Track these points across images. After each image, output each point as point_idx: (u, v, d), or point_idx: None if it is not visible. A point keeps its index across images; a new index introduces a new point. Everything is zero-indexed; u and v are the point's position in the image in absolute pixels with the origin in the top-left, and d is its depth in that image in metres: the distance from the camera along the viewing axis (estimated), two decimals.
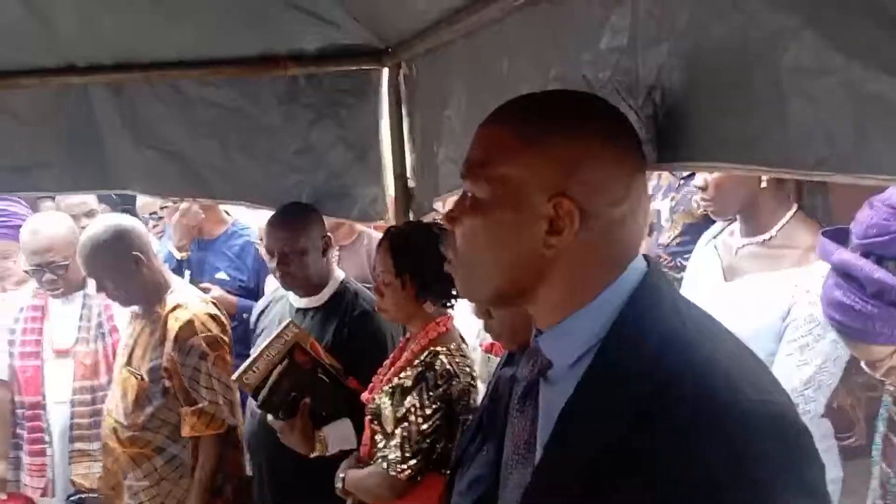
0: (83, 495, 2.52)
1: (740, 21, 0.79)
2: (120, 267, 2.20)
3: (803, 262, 1.70)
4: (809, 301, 1.60)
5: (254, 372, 1.93)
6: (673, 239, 2.77)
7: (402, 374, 1.72)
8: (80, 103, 2.15)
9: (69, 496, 2.54)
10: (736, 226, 1.88)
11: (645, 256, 0.86)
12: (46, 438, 2.53)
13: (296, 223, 2.17)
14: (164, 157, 2.21)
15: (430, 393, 1.64)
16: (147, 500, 2.27)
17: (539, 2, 1.17)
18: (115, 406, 2.31)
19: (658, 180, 2.92)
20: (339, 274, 2.30)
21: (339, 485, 1.83)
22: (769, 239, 1.77)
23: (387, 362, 1.89)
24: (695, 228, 2.49)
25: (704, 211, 1.95)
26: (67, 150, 2.21)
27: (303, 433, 1.90)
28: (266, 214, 2.51)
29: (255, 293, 2.91)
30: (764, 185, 1.74)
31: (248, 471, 2.37)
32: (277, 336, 1.97)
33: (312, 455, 1.91)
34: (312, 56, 2.05)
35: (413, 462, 1.64)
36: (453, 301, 1.81)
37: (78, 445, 2.51)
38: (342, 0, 1.85)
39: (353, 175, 2.24)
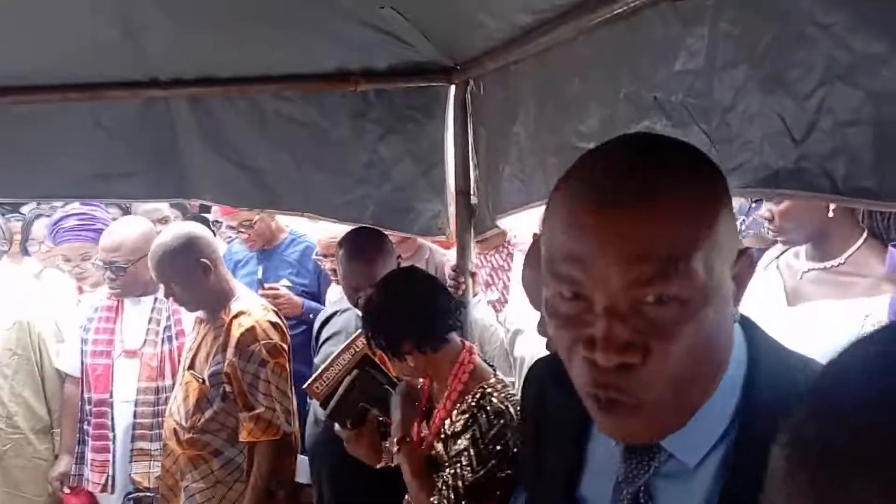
0: (140, 493, 2.58)
1: (825, 44, 0.78)
2: (187, 273, 2.28)
3: (875, 291, 1.64)
4: None
5: (324, 381, 1.96)
6: None
7: (450, 422, 1.67)
8: (162, 115, 2.25)
9: (127, 494, 2.59)
10: (801, 247, 1.83)
11: None
12: (110, 435, 2.60)
13: (375, 256, 2.18)
14: (238, 168, 2.29)
15: (485, 435, 1.60)
16: (202, 501, 2.31)
17: (615, 21, 1.17)
18: (176, 408, 2.38)
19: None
20: None
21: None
22: (837, 265, 1.72)
23: (417, 406, 1.83)
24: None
25: (775, 239, 1.90)
26: (149, 159, 2.31)
27: (370, 444, 1.90)
28: (323, 226, 2.57)
29: (317, 297, 2.97)
30: (831, 214, 1.69)
31: (304, 478, 2.40)
32: (347, 347, 1.99)
33: (378, 466, 1.91)
34: (382, 72, 2.09)
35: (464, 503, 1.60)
36: (447, 336, 1.71)
37: (139, 444, 2.57)
38: (414, 19, 1.89)
39: (416, 190, 2.26)
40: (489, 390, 1.64)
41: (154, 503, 2.54)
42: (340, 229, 2.38)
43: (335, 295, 2.63)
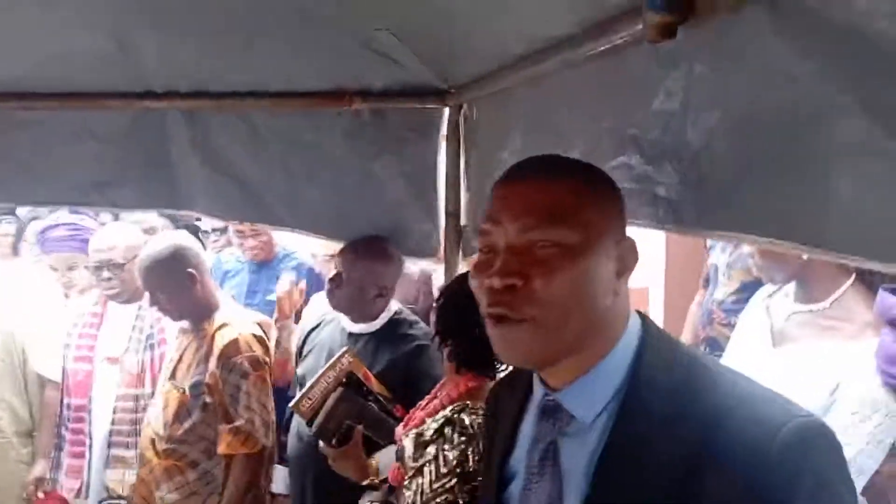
0: (114, 501, 2.56)
1: (793, 93, 0.78)
2: (174, 283, 2.29)
3: (859, 336, 1.63)
4: (860, 379, 1.54)
5: (309, 399, 1.95)
6: (729, 295, 2.70)
7: (427, 423, 1.66)
8: (156, 126, 2.24)
9: (101, 501, 2.57)
10: (791, 287, 1.83)
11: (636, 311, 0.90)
12: (87, 441, 2.59)
13: (387, 257, 2.24)
14: (230, 182, 2.29)
15: (448, 453, 1.58)
16: None
17: (600, 57, 1.18)
18: (155, 417, 2.37)
19: None
20: (394, 304, 2.32)
21: None
22: (822, 309, 1.72)
23: (422, 402, 1.86)
24: (753, 286, 2.40)
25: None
26: (141, 169, 2.30)
27: (357, 460, 1.89)
28: (314, 243, 2.57)
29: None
30: (805, 257, 1.69)
31: (281, 488, 2.38)
32: (333, 364, 1.99)
33: (365, 482, 1.89)
34: (378, 92, 2.10)
35: None
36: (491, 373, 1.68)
37: (115, 451, 2.56)
38: (409, 42, 1.91)
39: (409, 210, 2.27)
40: (468, 409, 1.61)
41: None
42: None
43: (319, 306, 2.62)
